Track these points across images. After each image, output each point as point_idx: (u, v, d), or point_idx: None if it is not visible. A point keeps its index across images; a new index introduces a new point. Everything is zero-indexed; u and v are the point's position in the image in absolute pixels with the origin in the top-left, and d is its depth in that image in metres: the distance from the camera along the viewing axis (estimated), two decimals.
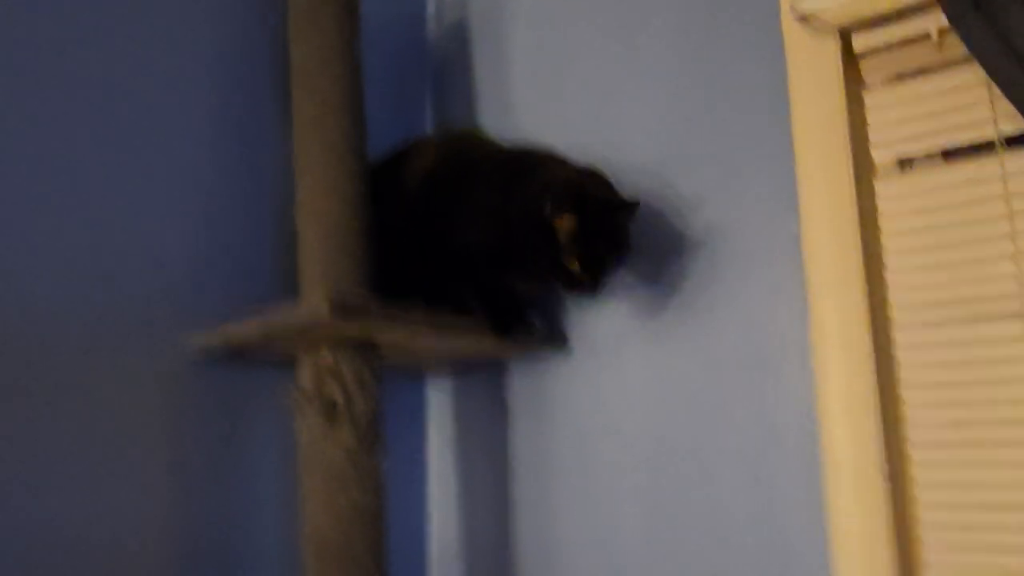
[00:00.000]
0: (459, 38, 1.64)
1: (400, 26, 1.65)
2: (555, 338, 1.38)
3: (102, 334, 1.13)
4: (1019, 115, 0.97)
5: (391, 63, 1.62)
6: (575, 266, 1.12)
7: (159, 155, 1.23)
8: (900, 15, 1.13)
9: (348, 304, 1.06)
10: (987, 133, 1.08)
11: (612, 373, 1.33)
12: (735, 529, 1.18)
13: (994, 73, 0.94)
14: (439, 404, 1.55)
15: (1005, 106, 1.05)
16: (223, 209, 1.28)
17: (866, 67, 1.19)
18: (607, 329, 1.35)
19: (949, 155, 1.14)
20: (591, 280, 1.13)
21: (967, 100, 1.10)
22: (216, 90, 1.31)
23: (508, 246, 1.17)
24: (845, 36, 1.18)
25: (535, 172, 1.18)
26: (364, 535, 1.11)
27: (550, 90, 1.49)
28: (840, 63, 1.17)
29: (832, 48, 1.18)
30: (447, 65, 1.67)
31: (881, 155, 1.17)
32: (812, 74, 1.19)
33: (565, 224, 1.11)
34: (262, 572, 1.24)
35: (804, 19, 1.19)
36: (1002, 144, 1.07)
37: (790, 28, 1.21)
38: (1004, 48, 0.93)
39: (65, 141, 1.13)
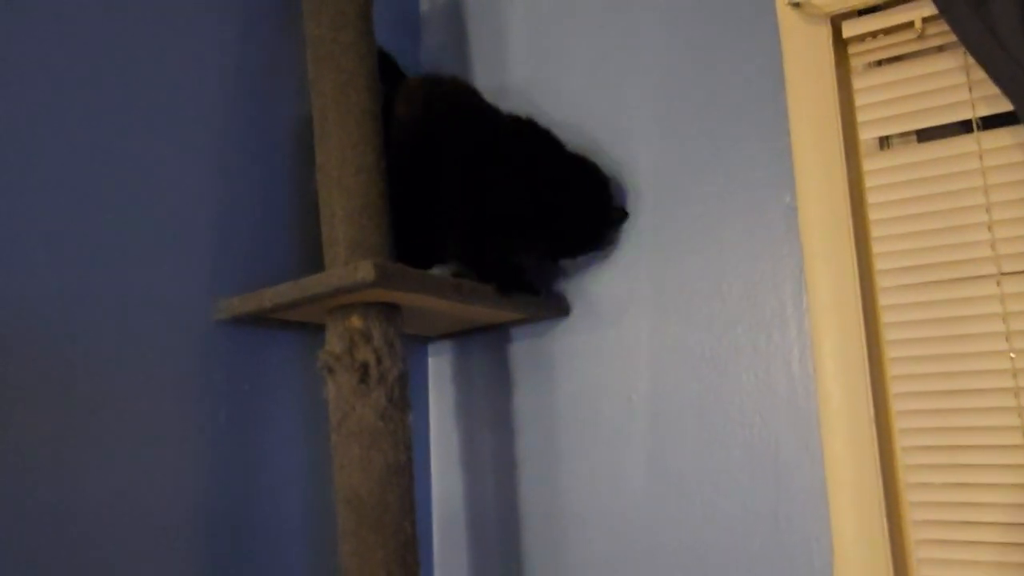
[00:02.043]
0: (451, 11, 1.68)
1: (392, 3, 1.68)
2: (558, 303, 1.45)
3: (131, 303, 1.14)
4: (997, 98, 1.08)
5: (382, 36, 1.64)
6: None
7: (188, 130, 1.25)
8: (886, 4, 1.24)
9: (390, 270, 1.11)
10: (965, 114, 1.20)
11: (614, 337, 1.41)
12: (736, 484, 1.28)
13: (982, 58, 1.05)
14: (440, 369, 1.61)
15: (981, 90, 1.16)
16: (244, 181, 1.30)
17: (855, 52, 1.29)
18: (608, 293, 1.42)
19: (930, 133, 1.25)
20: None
21: (947, 84, 1.21)
22: (238, 63, 1.33)
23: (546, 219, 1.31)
24: (836, 23, 1.28)
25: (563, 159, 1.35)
26: (397, 492, 1.16)
27: (546, 64, 1.55)
28: (831, 48, 1.27)
29: (824, 34, 1.28)
30: (438, 38, 1.70)
31: (867, 133, 1.28)
32: (805, 58, 1.29)
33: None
34: (290, 532, 1.28)
35: (798, 6, 1.28)
36: (978, 124, 1.18)
37: (785, 14, 1.30)
38: (990, 34, 1.04)
39: (104, 118, 1.14)
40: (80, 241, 1.11)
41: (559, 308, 1.45)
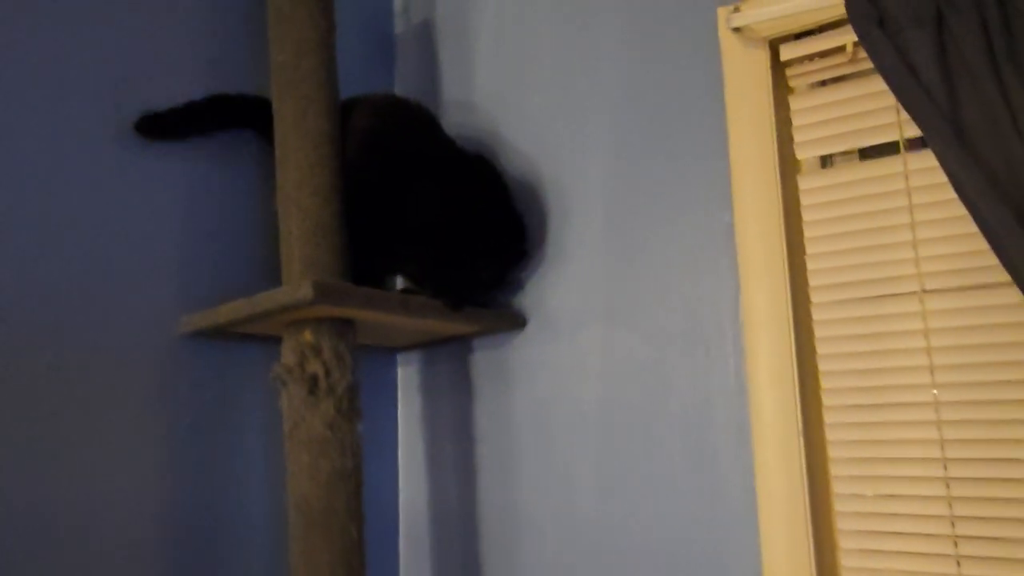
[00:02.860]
0: (425, 34, 1.75)
1: (368, 21, 1.75)
2: (514, 316, 1.51)
3: (99, 315, 1.23)
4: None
5: (359, 57, 1.72)
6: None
7: (152, 151, 1.32)
8: (820, 29, 1.28)
9: (330, 288, 1.18)
10: (893, 136, 1.23)
11: (567, 348, 1.47)
12: (675, 485, 1.33)
13: (893, 84, 1.09)
14: (408, 378, 1.68)
15: None
16: (208, 200, 1.38)
17: (792, 74, 1.34)
18: (562, 308, 1.48)
19: (871, 152, 1.29)
20: None
21: (877, 105, 1.24)
22: (204, 86, 1.40)
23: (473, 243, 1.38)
24: (774, 47, 1.32)
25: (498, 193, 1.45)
26: (343, 497, 1.23)
27: (511, 84, 1.61)
28: (769, 70, 1.32)
29: (762, 57, 1.32)
30: (412, 58, 1.77)
31: (804, 152, 1.32)
32: (744, 80, 1.33)
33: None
34: (250, 538, 1.36)
35: (738, 31, 1.33)
36: (905, 145, 1.22)
37: (726, 38, 1.35)
38: (902, 62, 1.08)
39: (68, 137, 1.23)
40: (52, 256, 1.19)
41: (515, 321, 1.51)
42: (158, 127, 1.33)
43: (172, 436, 1.28)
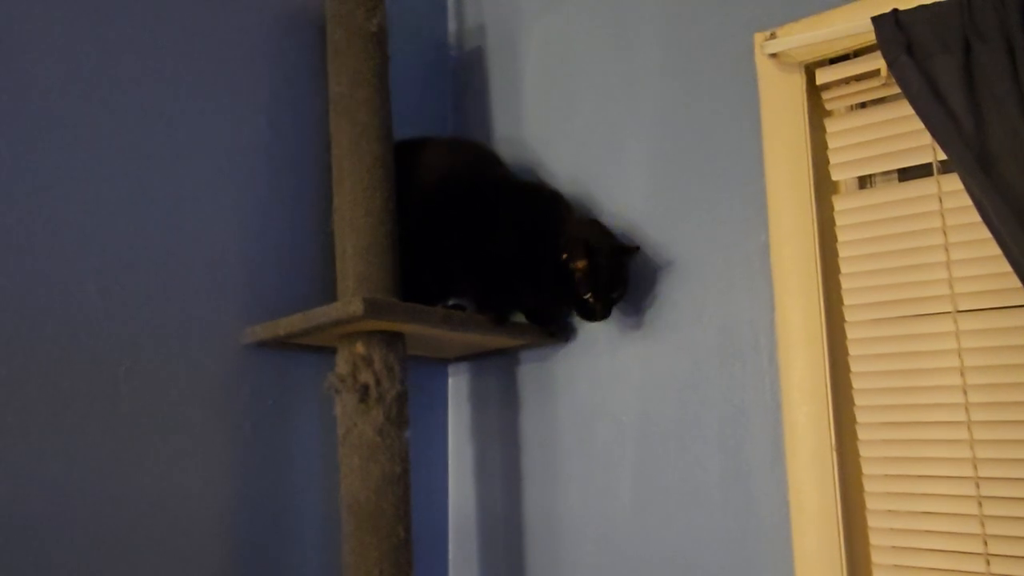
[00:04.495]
0: (477, 63, 1.83)
1: (423, 52, 1.85)
2: (560, 332, 1.57)
3: (172, 327, 1.34)
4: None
5: (415, 86, 1.81)
6: (589, 298, 1.39)
7: (223, 175, 1.45)
8: (856, 54, 1.31)
9: (378, 303, 1.27)
10: (926, 158, 1.25)
11: (608, 364, 1.53)
12: (709, 497, 1.37)
13: (920, 109, 1.11)
14: (458, 389, 1.76)
15: None
16: (273, 220, 1.49)
17: (828, 97, 1.36)
18: (604, 326, 1.53)
19: (912, 173, 1.31)
20: (601, 308, 1.41)
21: (911, 128, 1.26)
22: (268, 119, 1.52)
23: (532, 274, 1.44)
24: (810, 71, 1.35)
25: (552, 217, 1.47)
26: (392, 499, 1.31)
27: (556, 109, 1.68)
28: (805, 94, 1.35)
29: (798, 81, 1.36)
30: (466, 87, 1.86)
31: (839, 174, 1.34)
32: (780, 104, 1.37)
33: (579, 266, 1.38)
34: (306, 534, 1.45)
35: (774, 56, 1.36)
36: (938, 167, 1.24)
37: (762, 64, 1.39)
38: (929, 88, 1.11)
39: (148, 161, 1.35)
40: (131, 271, 1.31)
41: (561, 337, 1.57)
42: None
43: (235, 438, 1.38)
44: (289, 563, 1.42)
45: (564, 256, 1.40)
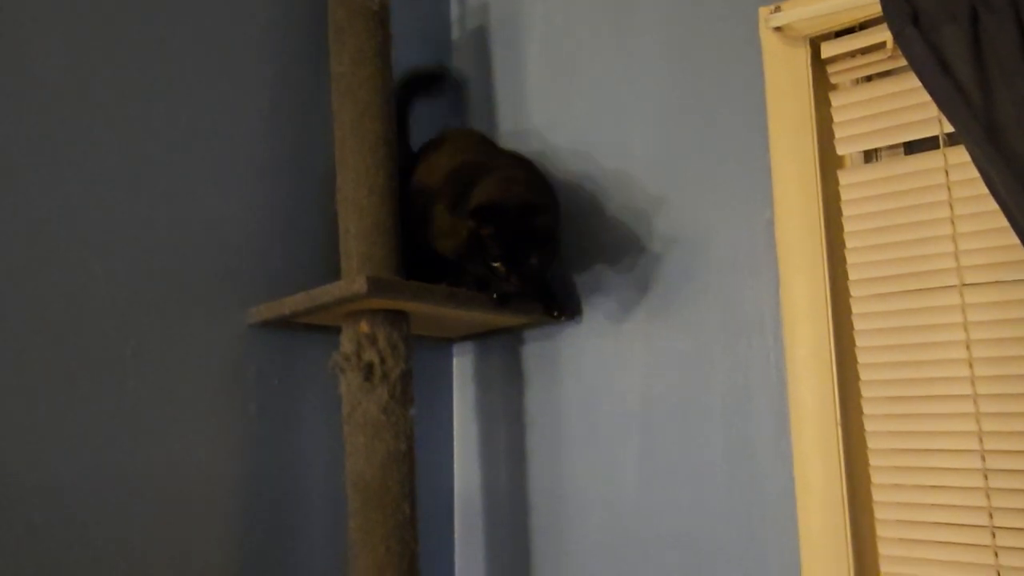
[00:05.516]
0: (479, 45, 1.82)
1: (425, 34, 1.84)
2: (566, 309, 1.57)
3: (177, 307, 1.34)
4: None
5: (418, 62, 1.80)
6: (500, 267, 1.32)
7: (226, 156, 1.44)
8: (861, 26, 1.30)
9: (382, 282, 1.26)
10: (932, 131, 1.24)
11: (613, 342, 1.52)
12: (714, 474, 1.36)
13: (926, 81, 1.10)
14: (463, 368, 1.76)
15: None
16: (277, 200, 1.49)
17: (833, 71, 1.35)
18: (610, 303, 1.53)
19: (918, 146, 1.30)
20: (516, 278, 1.32)
21: (917, 100, 1.25)
22: (270, 99, 1.51)
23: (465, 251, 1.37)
24: (815, 45, 1.34)
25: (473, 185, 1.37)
26: (397, 477, 1.32)
27: (558, 93, 1.67)
28: (809, 68, 1.34)
29: (802, 55, 1.34)
30: (467, 69, 1.85)
31: (844, 148, 1.33)
32: (785, 78, 1.36)
33: (486, 232, 1.30)
34: (312, 511, 1.46)
35: (779, 30, 1.35)
36: (944, 140, 1.23)
37: (767, 37, 1.38)
38: (936, 59, 1.09)
39: (152, 142, 1.35)
40: (136, 252, 1.31)
41: (568, 314, 1.56)
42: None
43: (242, 416, 1.39)
44: (296, 540, 1.43)
45: (472, 224, 1.30)
